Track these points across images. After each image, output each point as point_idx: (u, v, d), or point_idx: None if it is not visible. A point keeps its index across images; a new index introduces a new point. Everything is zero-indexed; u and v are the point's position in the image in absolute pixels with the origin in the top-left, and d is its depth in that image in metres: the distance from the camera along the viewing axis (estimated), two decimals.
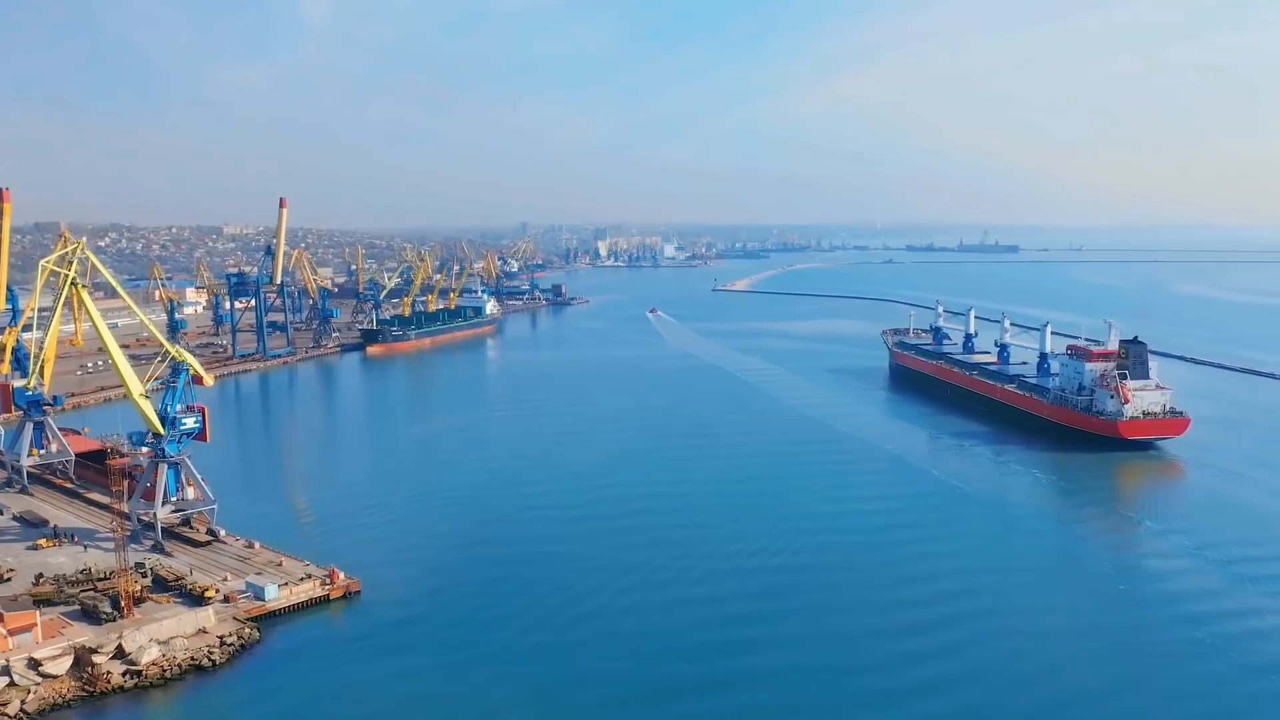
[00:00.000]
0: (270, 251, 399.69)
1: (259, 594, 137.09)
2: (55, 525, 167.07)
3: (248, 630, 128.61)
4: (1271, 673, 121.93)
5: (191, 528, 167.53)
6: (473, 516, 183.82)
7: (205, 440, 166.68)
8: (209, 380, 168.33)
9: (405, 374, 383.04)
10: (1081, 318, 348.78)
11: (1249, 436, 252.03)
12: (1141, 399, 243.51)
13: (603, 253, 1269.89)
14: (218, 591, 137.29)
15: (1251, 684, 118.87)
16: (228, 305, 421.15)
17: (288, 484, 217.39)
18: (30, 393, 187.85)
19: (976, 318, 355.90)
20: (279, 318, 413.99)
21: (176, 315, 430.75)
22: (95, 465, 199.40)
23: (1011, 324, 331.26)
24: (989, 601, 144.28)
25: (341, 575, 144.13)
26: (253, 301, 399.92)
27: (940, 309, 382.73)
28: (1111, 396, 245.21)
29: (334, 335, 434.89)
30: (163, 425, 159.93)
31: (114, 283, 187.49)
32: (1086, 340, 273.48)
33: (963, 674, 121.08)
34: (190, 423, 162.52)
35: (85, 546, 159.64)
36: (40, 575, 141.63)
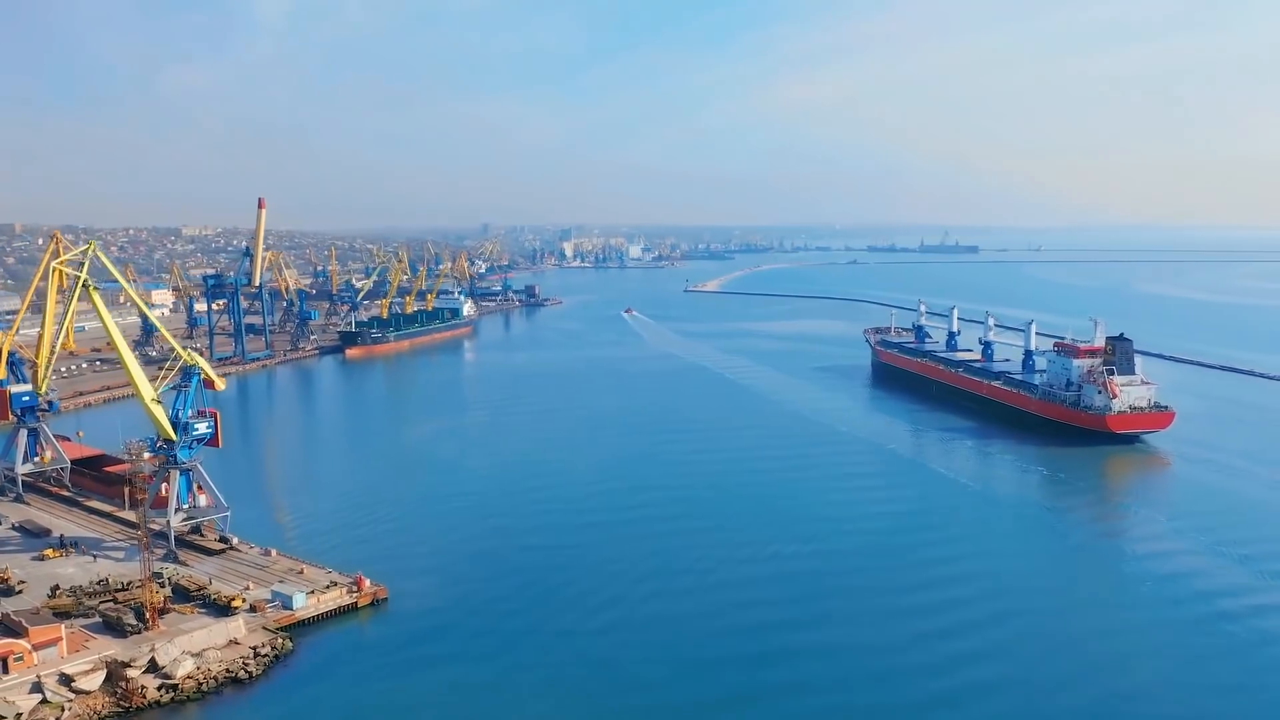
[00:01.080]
0: (248, 253, 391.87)
1: (287, 603, 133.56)
2: (62, 535, 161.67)
3: (280, 640, 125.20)
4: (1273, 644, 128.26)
5: (202, 535, 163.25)
6: (483, 518, 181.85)
7: (217, 445, 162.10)
8: (220, 384, 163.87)
9: (390, 377, 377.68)
10: (1055, 317, 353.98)
11: (1231, 429, 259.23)
12: (1128, 394, 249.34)
13: (568, 253, 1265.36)
14: (244, 601, 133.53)
15: (1256, 655, 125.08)
16: (200, 307, 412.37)
17: (289, 489, 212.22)
18: (28, 398, 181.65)
19: (959, 318, 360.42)
20: (255, 320, 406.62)
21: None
22: (91, 472, 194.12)
23: (996, 323, 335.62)
24: (1002, 584, 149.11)
25: (368, 582, 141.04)
26: (225, 303, 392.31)
27: (922, 308, 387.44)
28: (1099, 392, 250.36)
29: (311, 338, 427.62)
30: (174, 431, 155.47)
31: (128, 287, 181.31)
32: (1073, 338, 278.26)
33: (989, 650, 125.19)
34: (202, 428, 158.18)
35: (95, 556, 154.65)
36: (56, 587, 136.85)
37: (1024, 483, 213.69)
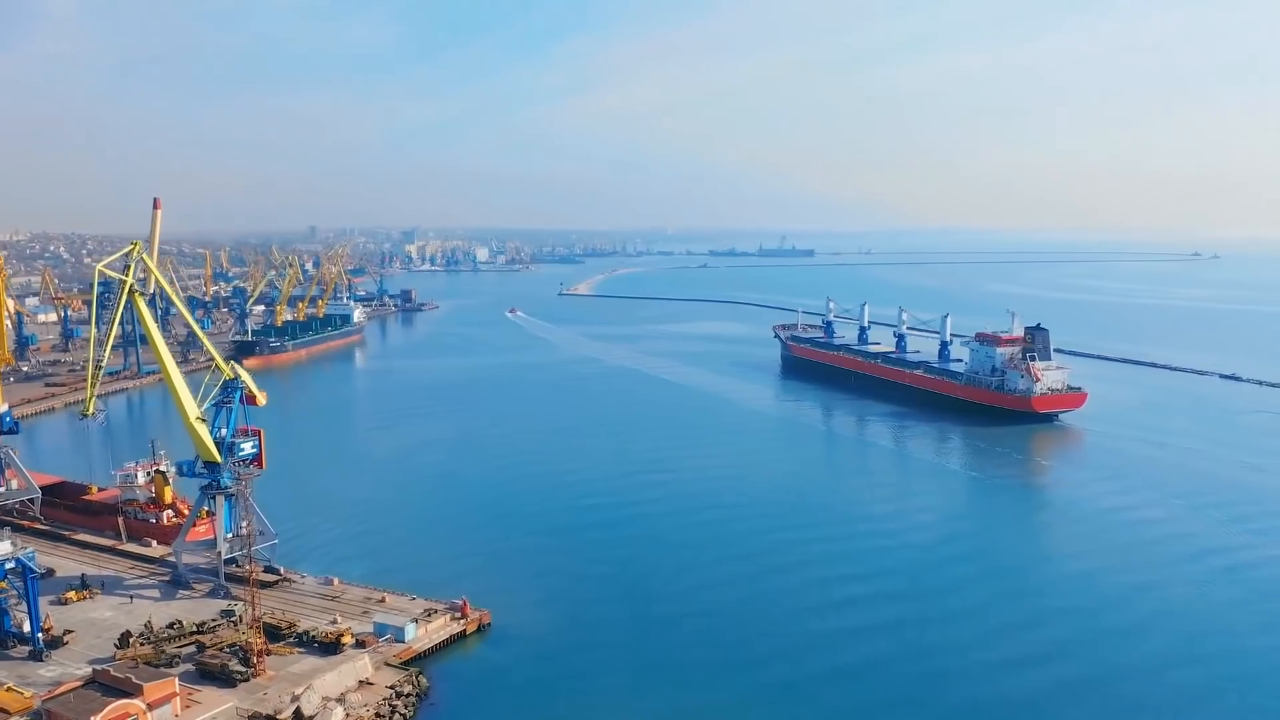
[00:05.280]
0: None
1: (399, 636, 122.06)
2: (83, 574, 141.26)
3: (416, 677, 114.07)
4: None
5: (238, 566, 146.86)
6: (528, 529, 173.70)
7: (261, 467, 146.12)
8: (262, 399, 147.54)
9: (305, 388, 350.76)
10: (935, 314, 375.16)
11: (1133, 407, 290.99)
12: (1047, 377, 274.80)
13: (414, 257, 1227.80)
14: (352, 636, 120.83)
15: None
16: (74, 316, 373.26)
17: (293, 510, 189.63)
18: (9, 419, 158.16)
19: (870, 320, 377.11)
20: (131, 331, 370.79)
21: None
22: (65, 501, 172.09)
23: (909, 318, 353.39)
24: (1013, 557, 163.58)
25: (470, 607, 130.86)
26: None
27: (831, 305, 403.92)
28: (1023, 376, 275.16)
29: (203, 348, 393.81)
30: (219, 452, 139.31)
31: (173, 295, 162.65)
32: (993, 329, 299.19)
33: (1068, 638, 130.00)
34: (248, 448, 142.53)
35: (131, 597, 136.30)
36: (128, 634, 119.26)
37: (972, 457, 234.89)
